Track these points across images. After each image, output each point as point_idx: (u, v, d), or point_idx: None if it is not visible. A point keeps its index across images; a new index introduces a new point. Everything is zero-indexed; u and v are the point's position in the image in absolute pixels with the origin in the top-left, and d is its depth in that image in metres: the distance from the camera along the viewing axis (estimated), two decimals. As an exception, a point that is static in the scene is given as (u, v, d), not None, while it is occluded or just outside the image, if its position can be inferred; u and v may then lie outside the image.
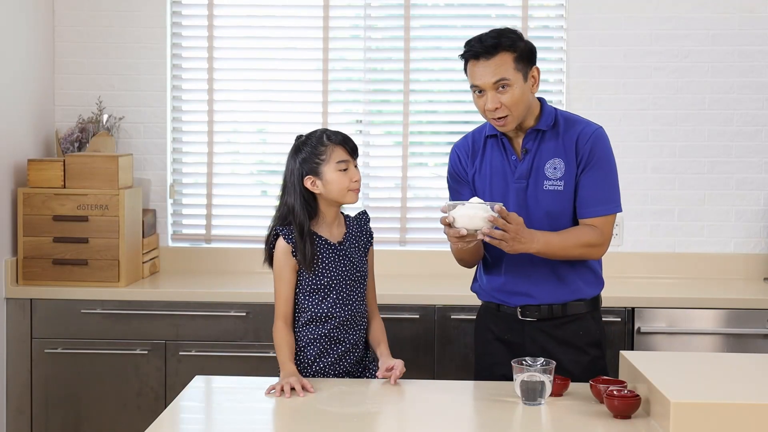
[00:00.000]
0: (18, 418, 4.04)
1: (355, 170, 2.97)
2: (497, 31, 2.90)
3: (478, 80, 2.88)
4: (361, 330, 3.01)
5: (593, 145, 2.93)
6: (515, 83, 2.85)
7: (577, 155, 2.92)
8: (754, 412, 2.31)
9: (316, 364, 2.97)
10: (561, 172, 2.92)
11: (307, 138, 3.00)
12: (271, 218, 3.03)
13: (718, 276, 4.46)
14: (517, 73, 2.85)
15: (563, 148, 2.93)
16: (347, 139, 2.99)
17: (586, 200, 2.93)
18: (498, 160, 2.99)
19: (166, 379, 4.00)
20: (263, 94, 4.67)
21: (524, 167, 2.95)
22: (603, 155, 2.94)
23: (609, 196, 2.94)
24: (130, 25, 4.54)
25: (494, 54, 2.85)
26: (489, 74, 2.85)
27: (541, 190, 2.93)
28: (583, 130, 2.95)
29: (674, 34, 4.47)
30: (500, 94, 2.85)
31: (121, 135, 4.54)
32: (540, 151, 2.94)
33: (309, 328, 2.97)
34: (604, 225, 2.94)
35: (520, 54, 2.87)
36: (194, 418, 2.67)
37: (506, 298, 3.02)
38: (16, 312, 4.03)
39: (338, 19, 4.63)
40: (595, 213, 2.93)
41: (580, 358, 2.99)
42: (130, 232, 4.16)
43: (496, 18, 4.63)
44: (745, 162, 4.48)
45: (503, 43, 2.86)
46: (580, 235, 2.91)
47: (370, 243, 3.08)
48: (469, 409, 2.68)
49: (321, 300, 2.96)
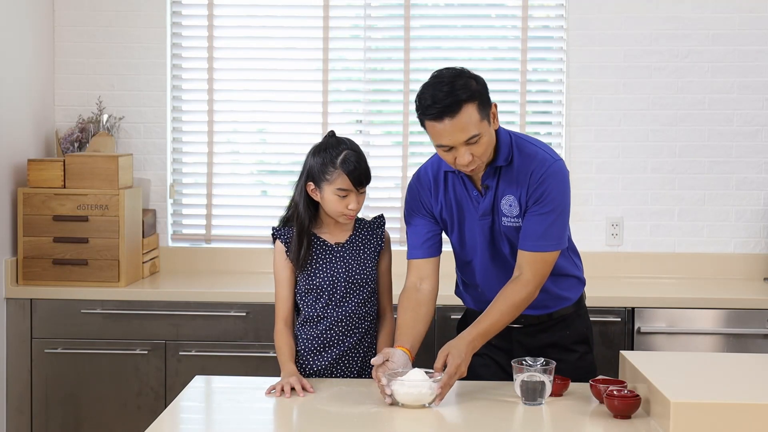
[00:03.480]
0: (18, 418, 4.04)
1: (354, 198, 2.90)
2: (447, 81, 2.68)
3: (446, 140, 2.69)
4: (363, 332, 3.00)
5: (545, 180, 2.79)
6: (483, 132, 2.70)
7: (528, 192, 2.81)
8: (754, 412, 2.31)
9: (310, 365, 2.97)
10: (516, 209, 2.83)
11: (328, 147, 2.92)
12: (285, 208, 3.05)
13: (718, 276, 4.46)
14: (483, 122, 2.69)
15: (517, 185, 2.82)
16: (357, 171, 2.89)
17: (526, 234, 2.82)
18: (461, 195, 2.91)
19: (166, 379, 4.00)
20: (263, 94, 4.67)
21: (486, 203, 2.86)
22: (553, 194, 2.80)
23: (549, 234, 2.80)
24: (130, 25, 4.54)
25: (457, 111, 2.64)
26: (458, 133, 2.66)
27: (503, 225, 2.87)
28: (539, 165, 2.81)
29: (674, 34, 4.47)
30: (471, 146, 2.69)
31: (121, 135, 4.54)
32: (500, 188, 2.85)
33: (304, 328, 2.98)
34: (535, 262, 2.80)
35: (480, 100, 2.69)
36: (194, 418, 2.67)
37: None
38: (16, 312, 4.04)
39: (338, 19, 4.63)
40: (529, 247, 2.81)
41: (568, 357, 2.98)
42: (130, 232, 4.16)
43: (496, 18, 4.63)
44: (745, 162, 4.48)
45: (463, 97, 2.64)
46: (507, 301, 2.79)
47: (381, 246, 3.04)
48: (469, 409, 2.68)
49: (314, 301, 2.96)
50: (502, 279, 2.87)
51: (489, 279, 2.95)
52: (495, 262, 2.93)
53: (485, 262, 2.94)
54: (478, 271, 2.96)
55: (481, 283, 2.97)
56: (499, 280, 2.88)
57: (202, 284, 4.23)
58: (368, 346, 3.01)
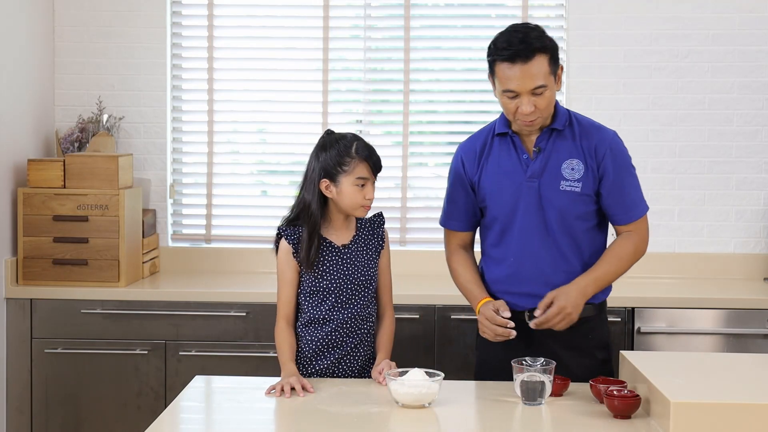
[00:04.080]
0: (18, 418, 4.04)
1: (371, 188, 2.94)
2: (523, 30, 2.80)
3: (514, 85, 2.79)
4: (364, 333, 3.00)
5: (614, 152, 2.92)
6: (550, 86, 2.81)
7: (598, 163, 2.91)
8: (754, 412, 2.31)
9: (312, 366, 2.97)
10: (579, 173, 2.90)
11: (336, 140, 2.95)
12: (288, 208, 3.02)
13: (718, 276, 4.46)
14: (551, 76, 2.81)
15: (581, 151, 2.91)
16: (373, 156, 2.95)
17: (621, 207, 2.94)
18: (506, 158, 2.95)
19: (166, 379, 4.00)
20: (263, 94, 4.67)
21: (537, 166, 2.92)
22: (624, 162, 2.95)
23: (638, 199, 2.97)
24: (130, 25, 4.54)
25: (531, 57, 2.77)
26: (527, 79, 2.77)
27: (557, 189, 2.90)
28: (602, 137, 2.94)
29: (674, 34, 4.47)
30: (536, 97, 2.79)
31: (121, 135, 4.54)
32: (555, 150, 2.91)
33: (308, 329, 2.97)
34: (640, 224, 2.98)
35: (551, 54, 2.81)
36: (194, 418, 2.67)
37: (513, 299, 2.97)
38: (16, 312, 4.04)
39: (338, 19, 4.63)
40: (629, 219, 2.96)
41: (588, 362, 2.97)
42: (130, 232, 4.16)
43: (496, 18, 4.63)
44: (745, 162, 4.48)
45: (538, 45, 2.77)
46: (621, 250, 2.94)
47: (381, 245, 3.05)
48: (469, 409, 2.68)
49: (320, 302, 2.95)
50: (539, 248, 2.91)
51: (525, 247, 2.94)
52: (535, 230, 2.93)
53: (525, 230, 2.93)
54: (515, 240, 2.95)
55: (515, 253, 2.95)
56: (535, 249, 2.92)
57: (202, 284, 4.23)
58: (368, 346, 3.01)
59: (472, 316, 3.94)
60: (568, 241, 2.94)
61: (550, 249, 2.93)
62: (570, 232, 2.93)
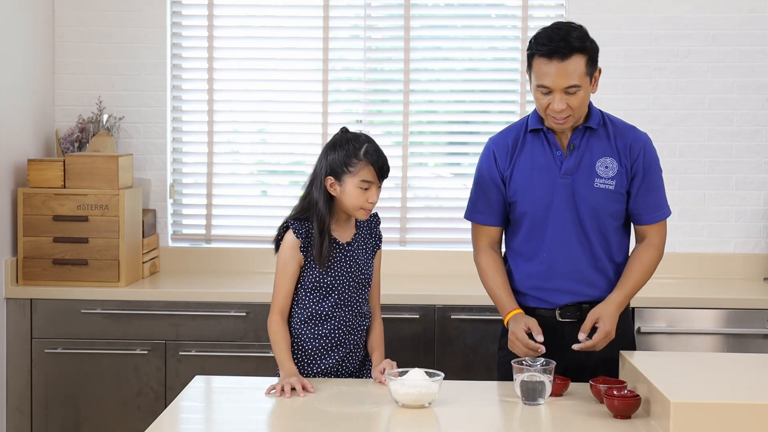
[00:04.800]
0: (18, 418, 4.04)
1: (375, 192, 2.93)
2: (566, 29, 2.83)
3: (548, 81, 2.81)
4: (362, 331, 3.01)
5: (646, 153, 2.97)
6: (584, 87, 2.83)
7: (632, 162, 2.94)
8: (754, 412, 2.31)
9: (317, 365, 2.97)
10: (613, 171, 2.93)
11: (348, 140, 2.95)
12: (292, 208, 3.01)
13: (718, 276, 4.46)
14: (586, 78, 2.83)
15: (616, 150, 2.94)
16: (381, 161, 2.93)
17: (644, 207, 2.97)
18: (540, 154, 2.96)
19: (166, 379, 4.00)
20: (263, 94, 4.67)
21: (571, 163, 2.93)
22: (655, 164, 2.99)
23: (663, 202, 3.01)
24: (130, 25, 4.54)
25: (568, 56, 2.79)
26: (562, 78, 2.80)
27: (591, 187, 2.92)
28: (636, 137, 2.98)
29: (674, 34, 4.47)
30: (568, 96, 2.81)
31: (121, 135, 4.54)
32: (589, 148, 2.94)
33: (308, 326, 2.97)
34: (660, 229, 3.01)
35: (590, 56, 2.84)
36: (194, 418, 2.67)
37: (545, 295, 2.98)
38: (16, 312, 4.03)
39: (338, 19, 4.63)
40: (653, 219, 2.99)
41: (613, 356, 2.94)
42: (130, 232, 4.16)
43: (496, 18, 4.63)
44: (745, 162, 4.48)
45: (577, 45, 2.80)
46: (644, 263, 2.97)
47: (378, 246, 3.06)
48: (469, 409, 2.68)
49: (322, 299, 2.95)
50: (573, 244, 2.93)
51: (558, 243, 2.94)
52: (570, 226, 2.94)
53: (559, 226, 2.94)
54: (548, 235, 2.95)
55: (548, 248, 2.96)
56: (570, 245, 2.93)
57: (202, 284, 4.23)
58: (364, 345, 3.03)
59: (472, 316, 3.95)
60: (599, 238, 2.96)
61: (584, 245, 2.95)
62: (601, 229, 2.95)
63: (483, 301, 3.22)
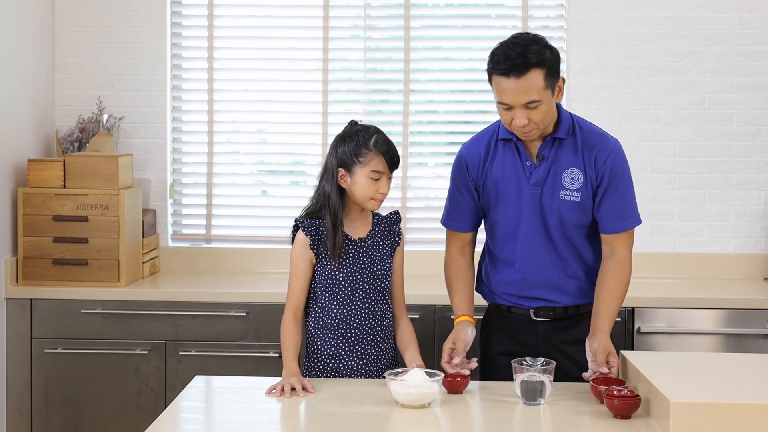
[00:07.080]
0: (18, 418, 4.04)
1: (385, 182, 2.93)
2: (523, 43, 2.78)
3: (507, 98, 2.79)
4: (383, 332, 2.99)
5: (613, 163, 2.92)
6: (545, 100, 2.79)
7: (597, 173, 2.92)
8: (754, 412, 2.31)
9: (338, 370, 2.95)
10: (578, 183, 2.91)
11: (357, 132, 2.95)
12: (309, 199, 3.01)
13: (718, 276, 4.46)
14: (547, 90, 2.79)
15: (582, 161, 2.92)
16: (391, 151, 2.94)
17: (610, 215, 2.93)
18: (511, 164, 2.96)
19: (166, 379, 4.00)
20: (263, 94, 4.67)
21: (540, 174, 2.93)
22: (622, 173, 2.94)
23: (629, 212, 2.96)
24: (130, 25, 4.54)
25: (524, 72, 2.74)
26: (520, 94, 2.76)
27: (557, 198, 2.92)
28: (603, 145, 2.94)
29: (674, 34, 4.47)
30: (529, 110, 2.78)
31: (121, 135, 4.54)
32: (557, 159, 2.92)
33: (325, 332, 2.96)
34: (627, 239, 2.96)
35: (549, 69, 2.78)
36: (194, 418, 2.67)
37: (520, 301, 3.02)
38: (16, 312, 4.04)
39: (338, 19, 4.63)
40: (616, 229, 2.94)
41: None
42: (130, 232, 4.16)
43: (496, 18, 4.63)
44: (745, 162, 4.48)
45: (533, 61, 2.75)
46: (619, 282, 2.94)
47: (397, 243, 3.05)
48: (469, 409, 2.68)
49: (335, 295, 2.95)
50: (544, 255, 2.94)
51: (530, 253, 2.96)
52: (539, 237, 2.95)
53: (529, 236, 2.95)
54: (519, 246, 2.97)
55: (521, 258, 2.98)
56: (541, 256, 2.95)
57: (202, 284, 4.23)
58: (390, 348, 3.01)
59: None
60: (568, 247, 2.97)
61: (553, 255, 2.96)
62: (569, 238, 2.96)
63: (483, 300, 3.22)
